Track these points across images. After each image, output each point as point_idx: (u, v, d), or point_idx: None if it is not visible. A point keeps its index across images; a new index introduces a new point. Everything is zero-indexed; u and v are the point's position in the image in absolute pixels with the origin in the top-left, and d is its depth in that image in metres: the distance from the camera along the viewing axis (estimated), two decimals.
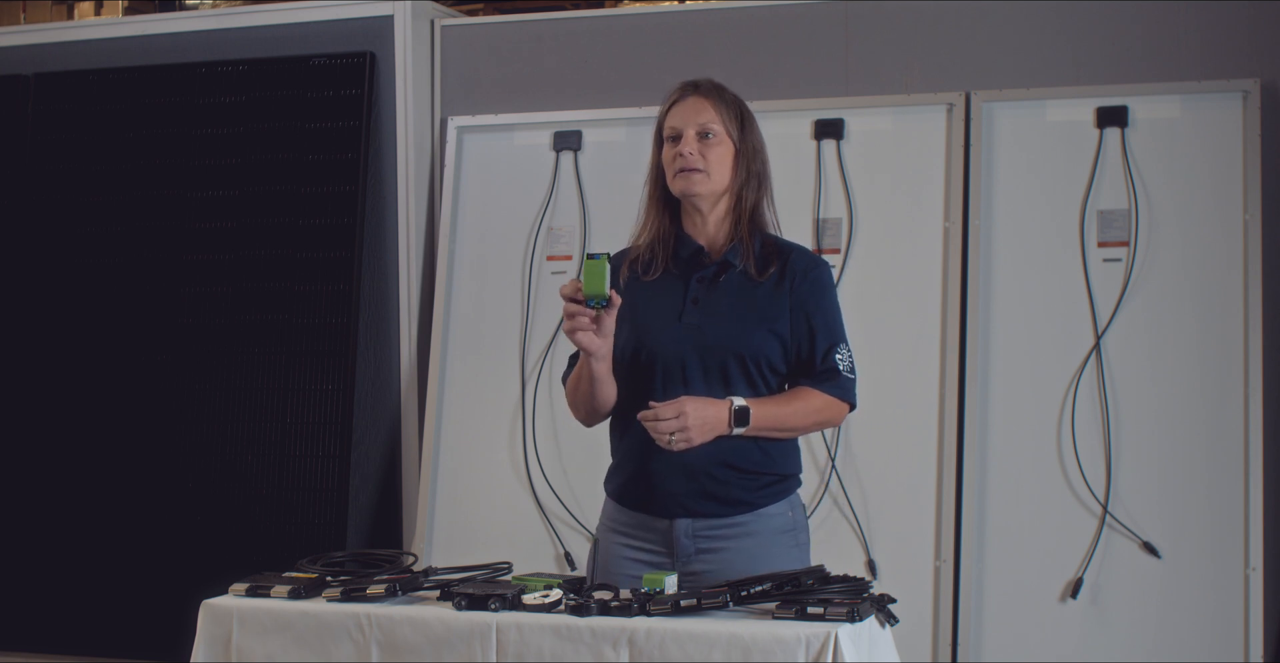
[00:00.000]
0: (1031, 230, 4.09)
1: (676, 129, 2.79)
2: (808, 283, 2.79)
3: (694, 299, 2.77)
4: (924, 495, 4.01)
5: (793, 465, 2.84)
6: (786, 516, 2.80)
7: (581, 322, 2.65)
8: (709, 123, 2.77)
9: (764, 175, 2.85)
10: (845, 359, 2.79)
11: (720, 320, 2.75)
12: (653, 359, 2.76)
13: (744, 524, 2.75)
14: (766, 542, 2.76)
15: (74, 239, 4.77)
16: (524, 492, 4.36)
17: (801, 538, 2.83)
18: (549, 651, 2.38)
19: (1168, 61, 4.05)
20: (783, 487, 2.81)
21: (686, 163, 2.75)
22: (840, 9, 4.30)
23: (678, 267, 2.82)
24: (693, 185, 2.77)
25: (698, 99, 2.80)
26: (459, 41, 4.65)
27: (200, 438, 4.57)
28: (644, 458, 2.75)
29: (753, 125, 2.85)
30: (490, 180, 4.56)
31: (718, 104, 2.79)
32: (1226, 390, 3.88)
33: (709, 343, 2.74)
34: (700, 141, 2.77)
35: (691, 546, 2.75)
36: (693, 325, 2.76)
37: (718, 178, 2.78)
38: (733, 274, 2.79)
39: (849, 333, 2.85)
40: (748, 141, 2.82)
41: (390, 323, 4.58)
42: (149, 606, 4.51)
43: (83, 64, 4.85)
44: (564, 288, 2.67)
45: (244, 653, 2.57)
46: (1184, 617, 3.83)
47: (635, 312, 2.79)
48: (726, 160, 2.79)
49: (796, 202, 4.22)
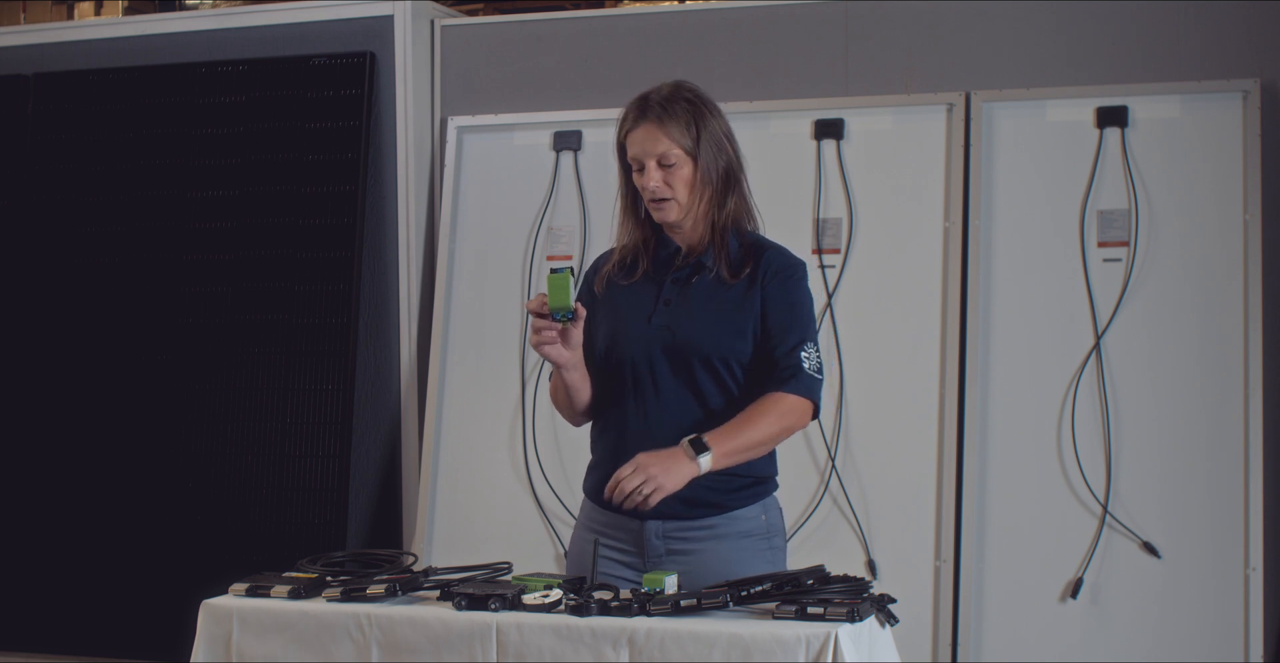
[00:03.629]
0: (1031, 230, 4.09)
1: (638, 160, 2.80)
2: (777, 281, 2.78)
3: (666, 300, 2.79)
4: (924, 496, 4.01)
5: (767, 468, 2.82)
6: (759, 519, 2.79)
7: (548, 336, 2.70)
8: (665, 151, 2.76)
9: (731, 167, 2.82)
10: (811, 358, 2.76)
11: (690, 321, 2.76)
12: (622, 360, 2.79)
13: (714, 526, 2.75)
14: (737, 545, 2.75)
15: (74, 239, 4.77)
16: (524, 492, 4.36)
17: (776, 542, 2.82)
18: (549, 651, 2.38)
19: (1168, 61, 4.05)
20: (757, 489, 2.80)
21: (655, 194, 2.77)
22: (840, 9, 4.30)
23: (656, 268, 2.84)
24: (668, 215, 2.79)
25: (649, 128, 2.77)
26: (459, 41, 4.65)
27: (200, 438, 4.57)
28: (616, 459, 2.76)
29: (710, 125, 2.80)
30: (490, 180, 4.56)
31: (669, 126, 2.76)
32: (1226, 390, 3.88)
33: (677, 344, 2.75)
34: (663, 170, 2.77)
35: (661, 546, 2.75)
36: (662, 326, 2.77)
37: (687, 201, 2.78)
38: (705, 275, 2.79)
39: (849, 333, 2.85)
40: (706, 147, 2.78)
41: (390, 323, 4.58)
42: (149, 606, 4.51)
43: (83, 64, 4.85)
44: (530, 303, 2.71)
45: (244, 653, 2.57)
46: (1184, 617, 3.84)
47: (612, 313, 2.83)
48: (690, 179, 2.78)
49: (796, 202, 4.22)
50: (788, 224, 4.17)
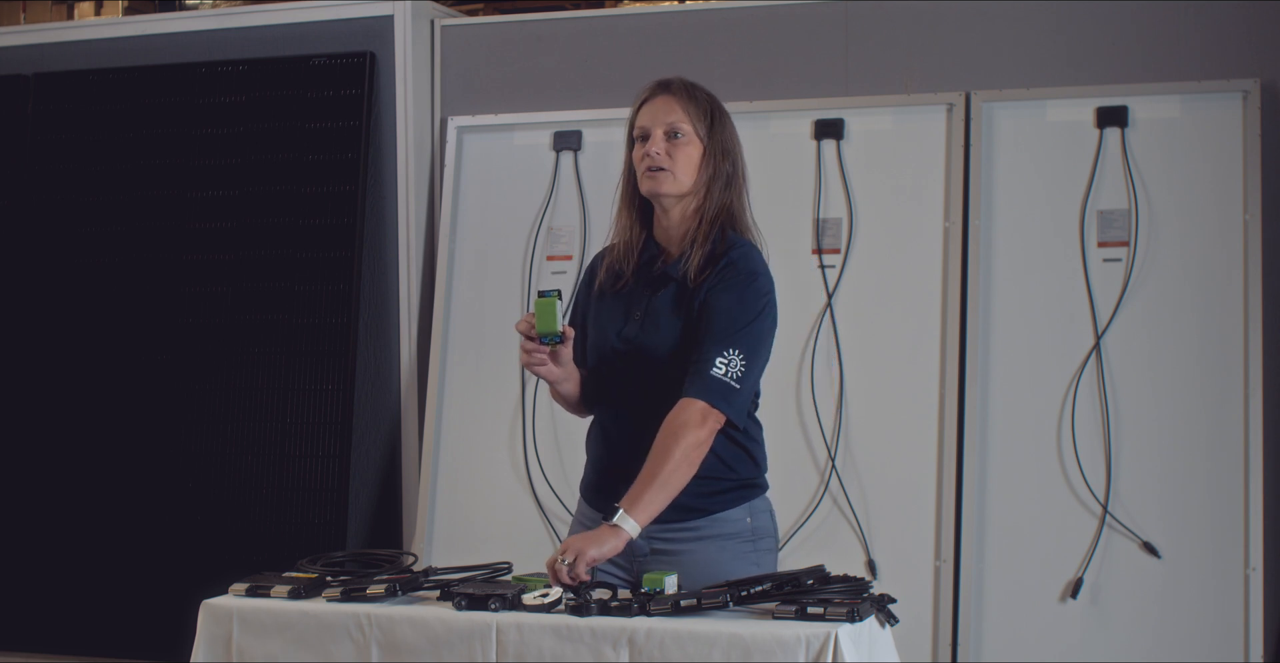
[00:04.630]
0: (1031, 230, 4.09)
1: (645, 128, 2.78)
2: (713, 281, 2.73)
3: (636, 314, 2.80)
4: (924, 496, 4.01)
5: (751, 470, 2.81)
6: (744, 521, 2.78)
7: (538, 358, 2.74)
8: (677, 122, 2.76)
9: (734, 176, 2.81)
10: (731, 364, 2.65)
11: (654, 333, 2.76)
12: (600, 371, 2.84)
13: (698, 529, 2.75)
14: (721, 547, 2.75)
15: (74, 239, 4.77)
16: (524, 492, 4.36)
17: (762, 545, 2.80)
18: (549, 651, 2.38)
19: (1168, 61, 4.05)
20: (742, 493, 2.79)
21: (653, 162, 2.75)
22: (840, 9, 4.29)
23: (636, 277, 2.83)
24: (659, 185, 2.76)
25: (667, 98, 2.78)
26: (459, 41, 4.65)
27: (200, 438, 4.57)
28: (604, 461, 2.81)
29: (725, 125, 2.82)
30: (490, 180, 4.56)
31: (687, 103, 2.78)
32: (1226, 390, 3.88)
33: (644, 356, 2.76)
34: (668, 141, 2.76)
35: (645, 546, 2.75)
36: (629, 339, 2.79)
37: (684, 177, 2.76)
38: (671, 285, 2.78)
39: (849, 333, 2.85)
40: (717, 141, 2.79)
41: (390, 323, 4.58)
42: (149, 606, 4.51)
43: (83, 64, 4.85)
44: (519, 324, 2.75)
45: (244, 653, 2.57)
46: (1184, 617, 3.83)
47: (595, 323, 2.86)
48: (694, 160, 2.77)
49: (796, 202, 4.22)
50: (788, 224, 4.17)
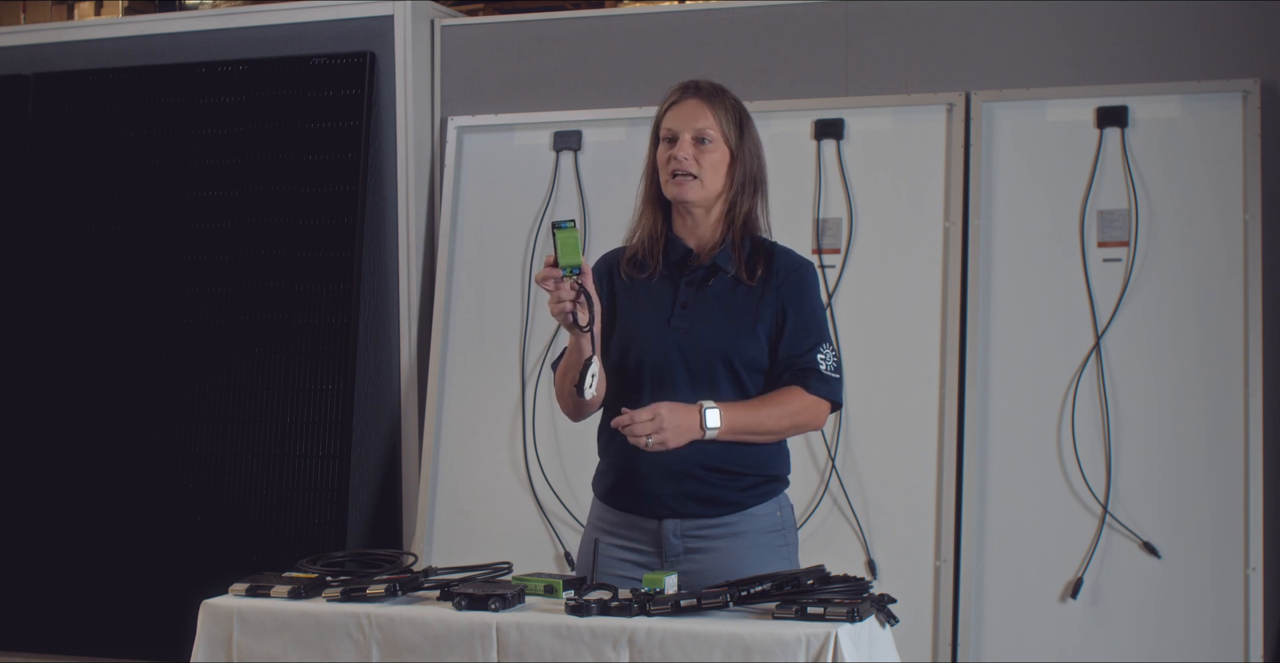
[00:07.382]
0: (1031, 230, 4.09)
1: (673, 131, 2.77)
2: (790, 282, 2.78)
3: (683, 303, 2.77)
4: (924, 496, 4.01)
5: (780, 467, 2.83)
6: (775, 515, 2.80)
7: (566, 294, 2.61)
8: (706, 128, 2.75)
9: (760, 180, 2.83)
10: (827, 359, 2.77)
11: (708, 325, 2.75)
12: (641, 364, 2.76)
13: (732, 524, 2.75)
14: (755, 542, 2.76)
15: (74, 239, 4.77)
16: (524, 492, 4.36)
17: (790, 538, 2.83)
18: (549, 651, 2.38)
19: (1168, 61, 4.05)
20: (770, 487, 2.80)
21: (680, 167, 2.74)
22: (840, 9, 4.30)
23: (668, 269, 2.81)
24: (685, 192, 2.75)
25: (697, 103, 2.77)
26: (459, 41, 4.65)
27: (200, 438, 4.57)
28: (632, 461, 2.75)
29: (751, 130, 2.83)
30: (490, 180, 4.56)
31: (716, 109, 2.77)
32: (1226, 390, 3.88)
33: (696, 347, 2.74)
34: (696, 146, 2.75)
35: (680, 545, 2.75)
36: (681, 330, 2.75)
37: (711, 184, 2.77)
38: (722, 278, 2.78)
39: (849, 333, 2.85)
40: (745, 147, 2.79)
41: (390, 323, 4.58)
42: (149, 606, 4.51)
43: (83, 64, 4.85)
44: (538, 274, 2.65)
45: (244, 653, 2.57)
46: (1184, 617, 3.84)
47: (626, 315, 2.80)
48: (721, 167, 2.77)
49: (796, 202, 4.22)
50: (788, 224, 4.16)
